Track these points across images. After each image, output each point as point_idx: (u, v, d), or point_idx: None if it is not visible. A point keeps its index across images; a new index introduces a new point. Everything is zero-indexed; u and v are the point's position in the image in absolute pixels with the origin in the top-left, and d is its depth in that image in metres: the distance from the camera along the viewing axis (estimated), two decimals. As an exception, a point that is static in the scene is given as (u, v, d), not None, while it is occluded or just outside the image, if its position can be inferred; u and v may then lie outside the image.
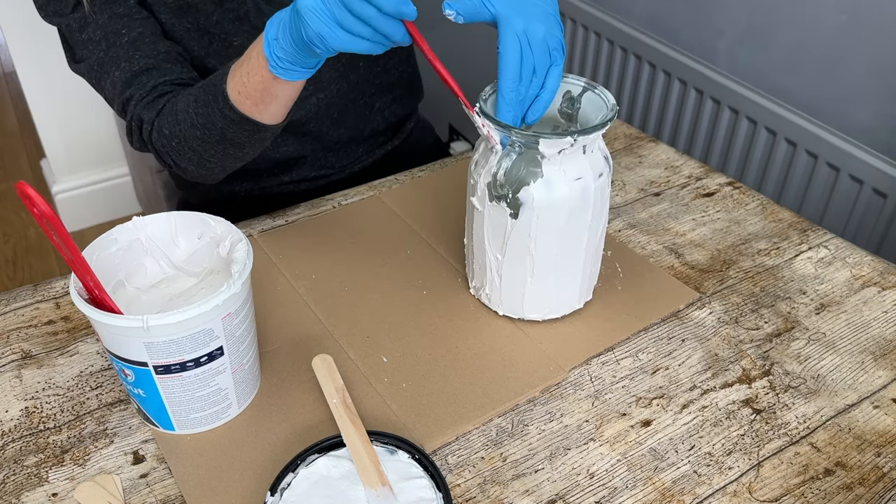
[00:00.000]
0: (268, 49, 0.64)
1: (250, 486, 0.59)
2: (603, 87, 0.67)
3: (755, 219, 0.88)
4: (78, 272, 0.56)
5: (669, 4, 1.35)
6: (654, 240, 0.84)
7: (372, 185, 0.93)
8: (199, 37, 0.85)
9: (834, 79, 1.12)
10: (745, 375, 0.69)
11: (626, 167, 0.97)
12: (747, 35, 1.23)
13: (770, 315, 0.75)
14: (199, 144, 0.75)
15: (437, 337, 0.72)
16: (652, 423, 0.64)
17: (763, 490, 0.59)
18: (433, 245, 0.83)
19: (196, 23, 0.84)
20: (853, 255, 0.82)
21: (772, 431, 0.64)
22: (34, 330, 0.73)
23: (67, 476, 0.60)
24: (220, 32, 0.85)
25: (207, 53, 0.86)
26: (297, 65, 0.65)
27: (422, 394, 0.66)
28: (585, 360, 0.70)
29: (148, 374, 0.58)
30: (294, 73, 0.66)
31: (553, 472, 0.60)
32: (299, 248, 0.83)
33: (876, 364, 0.70)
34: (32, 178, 2.27)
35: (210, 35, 0.85)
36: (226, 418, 0.64)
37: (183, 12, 0.84)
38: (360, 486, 0.55)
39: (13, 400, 0.66)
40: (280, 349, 0.70)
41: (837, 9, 1.08)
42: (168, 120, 0.77)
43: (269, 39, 0.64)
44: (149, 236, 0.65)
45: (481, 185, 0.67)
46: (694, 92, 1.33)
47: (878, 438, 0.63)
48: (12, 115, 2.62)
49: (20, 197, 0.51)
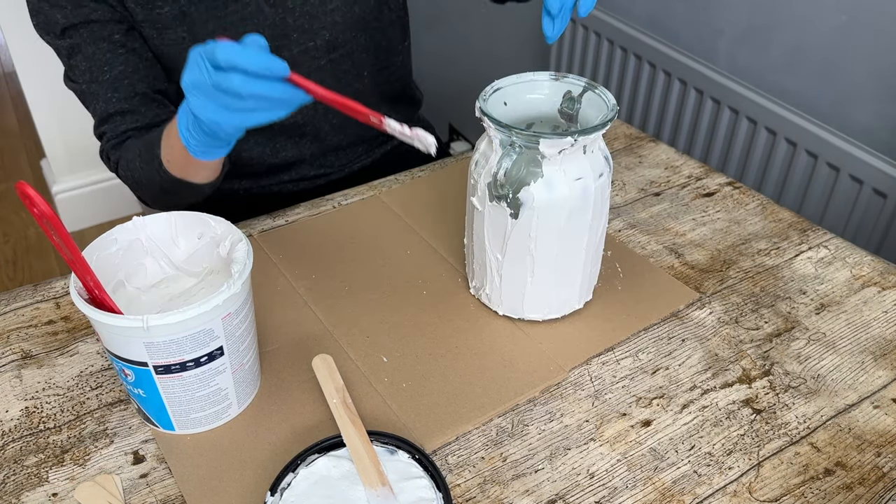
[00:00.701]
0: (184, 139, 0.66)
1: (250, 486, 0.59)
2: (603, 87, 0.67)
3: (755, 219, 0.88)
4: (78, 272, 0.56)
5: (669, 4, 1.36)
6: (654, 240, 0.84)
7: (372, 185, 0.93)
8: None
9: (834, 79, 1.12)
10: (745, 375, 0.69)
11: (626, 167, 0.97)
12: (747, 35, 1.23)
13: (770, 315, 0.75)
14: (148, 191, 0.82)
15: (437, 337, 0.72)
16: (652, 423, 0.64)
17: (763, 490, 0.59)
18: (433, 245, 0.83)
19: (191, 32, 0.84)
20: (853, 255, 0.82)
21: (772, 431, 0.64)
22: (34, 330, 0.73)
23: (67, 476, 0.60)
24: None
25: None
26: (212, 147, 0.66)
27: (422, 394, 0.66)
28: (585, 360, 0.70)
29: (148, 374, 0.58)
30: (211, 154, 0.68)
31: (553, 472, 0.60)
32: (299, 248, 0.83)
33: (876, 364, 0.70)
34: (32, 178, 2.27)
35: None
36: (226, 418, 0.64)
37: (177, 23, 0.84)
38: (360, 486, 0.55)
39: (13, 400, 0.66)
40: (280, 349, 0.70)
41: (837, 9, 1.08)
42: (123, 164, 0.84)
43: (182, 130, 0.66)
44: (149, 236, 0.65)
45: (481, 185, 0.67)
46: (694, 92, 1.33)
47: (878, 438, 0.63)
48: (12, 115, 2.62)
49: (20, 197, 0.51)
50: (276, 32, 0.87)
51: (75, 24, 0.81)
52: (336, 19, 0.90)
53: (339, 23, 0.90)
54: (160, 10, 0.83)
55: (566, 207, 0.65)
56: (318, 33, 0.90)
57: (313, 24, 0.89)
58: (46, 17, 0.81)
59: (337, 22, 0.90)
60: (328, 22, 0.90)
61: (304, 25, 0.88)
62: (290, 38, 0.88)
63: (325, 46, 0.91)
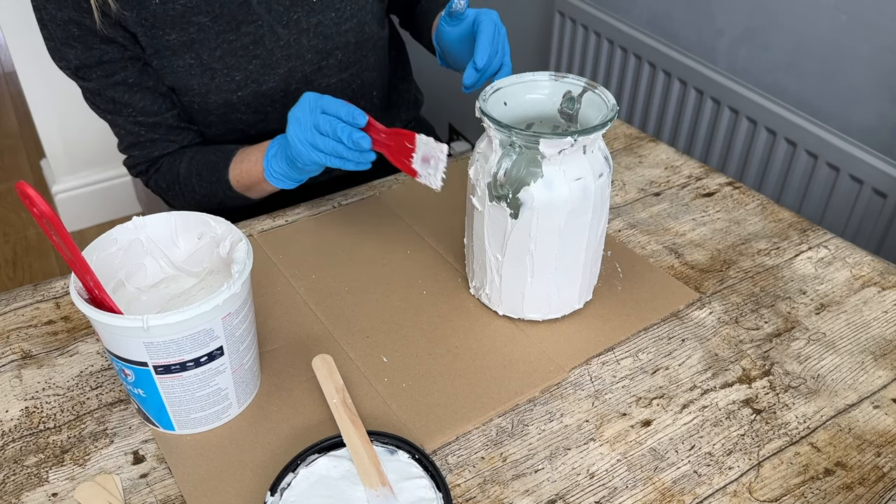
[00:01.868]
0: (266, 163, 0.80)
1: (250, 486, 0.59)
2: (603, 88, 0.67)
3: (755, 219, 0.88)
4: (78, 272, 0.56)
5: (669, 4, 1.36)
6: (654, 240, 0.84)
7: (372, 185, 0.93)
8: (201, 73, 0.85)
9: (834, 79, 1.12)
10: (745, 375, 0.69)
11: (626, 167, 0.97)
12: (747, 35, 1.23)
13: (770, 315, 0.75)
14: (196, 201, 0.90)
15: (437, 337, 0.72)
16: (652, 423, 0.64)
17: (763, 490, 0.59)
18: (433, 245, 0.83)
19: (199, 59, 0.84)
20: (853, 255, 0.82)
21: (772, 431, 0.64)
22: (34, 330, 0.73)
23: (67, 476, 0.60)
24: (223, 67, 0.86)
25: (209, 90, 0.86)
26: (288, 178, 0.80)
27: (422, 394, 0.66)
28: (585, 360, 0.70)
29: (148, 374, 0.58)
30: (284, 183, 0.80)
31: (553, 472, 0.60)
32: (299, 248, 0.83)
33: (876, 364, 0.70)
34: (32, 178, 2.27)
35: (212, 70, 0.85)
36: (226, 418, 0.64)
37: (185, 49, 0.84)
38: (360, 486, 0.55)
39: (13, 400, 0.66)
40: (280, 349, 0.70)
41: (837, 9, 1.08)
42: (166, 178, 0.90)
43: (269, 156, 0.79)
44: (149, 236, 0.65)
45: (481, 185, 0.67)
46: (694, 92, 1.33)
47: (878, 438, 0.63)
48: (12, 115, 2.62)
49: (20, 197, 0.51)
50: (289, 53, 0.88)
51: (88, 64, 0.81)
52: (350, 39, 0.92)
53: (353, 43, 0.92)
54: (168, 37, 0.83)
55: (566, 207, 0.65)
56: (332, 53, 0.91)
57: (327, 45, 0.90)
58: (60, 53, 0.82)
59: (350, 42, 0.92)
60: (341, 42, 0.91)
61: (318, 46, 0.90)
62: (303, 58, 0.90)
63: (337, 66, 0.93)
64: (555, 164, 0.64)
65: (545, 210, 0.64)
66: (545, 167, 0.64)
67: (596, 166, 0.66)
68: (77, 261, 0.55)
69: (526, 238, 0.66)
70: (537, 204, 0.64)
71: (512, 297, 0.71)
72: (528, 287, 0.70)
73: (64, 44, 0.80)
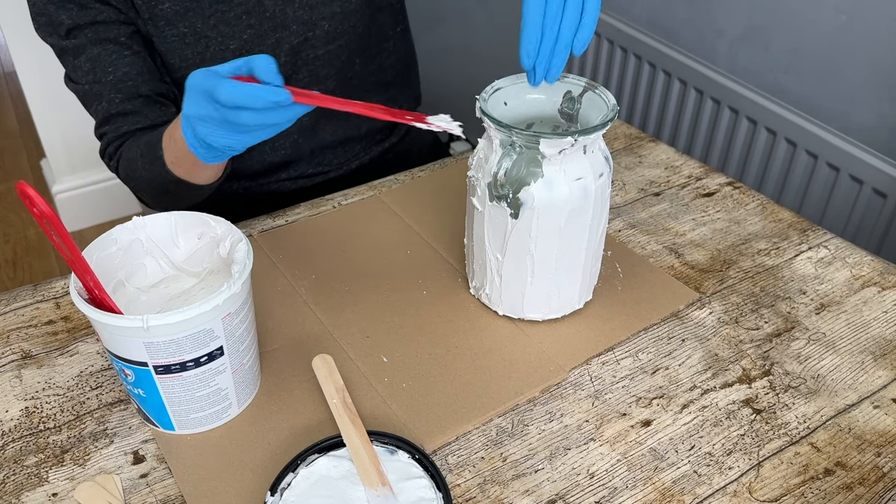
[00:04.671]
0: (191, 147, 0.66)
1: (250, 486, 0.59)
2: (603, 87, 0.67)
3: (755, 219, 0.88)
4: (78, 272, 0.56)
5: (669, 4, 1.36)
6: (654, 240, 0.84)
7: (372, 185, 0.93)
8: (195, 42, 0.85)
9: (834, 79, 1.12)
10: (745, 375, 0.69)
11: (626, 167, 0.97)
12: (747, 35, 1.23)
13: (770, 315, 0.75)
14: (150, 191, 0.82)
15: (437, 337, 0.72)
16: (652, 423, 0.64)
17: (763, 490, 0.59)
18: (433, 245, 0.83)
19: (192, 27, 0.85)
20: (853, 255, 0.82)
21: (772, 431, 0.64)
22: (34, 330, 0.73)
23: (67, 476, 0.60)
24: (217, 35, 0.86)
25: (203, 59, 0.86)
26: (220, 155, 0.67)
27: (422, 394, 0.66)
28: (585, 360, 0.70)
29: (148, 374, 0.58)
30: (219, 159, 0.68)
31: (553, 472, 0.60)
32: (299, 248, 0.83)
33: (876, 364, 0.70)
34: (32, 178, 2.27)
35: (207, 39, 0.85)
36: (226, 418, 0.64)
37: (179, 18, 0.84)
38: (360, 486, 0.55)
39: (13, 400, 0.66)
40: (280, 349, 0.70)
41: (837, 9, 1.08)
42: (123, 164, 0.84)
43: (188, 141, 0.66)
44: (149, 236, 0.65)
45: (481, 185, 0.67)
46: (694, 92, 1.33)
47: (878, 438, 0.63)
48: (12, 115, 2.62)
49: (20, 197, 0.51)
50: (275, 24, 0.88)
51: (80, 24, 0.81)
52: (335, 9, 0.91)
53: (339, 13, 0.91)
54: (162, 5, 0.83)
55: (566, 207, 0.65)
56: (318, 24, 0.90)
57: (313, 15, 0.90)
58: (51, 19, 0.81)
59: (336, 12, 0.91)
60: (328, 13, 0.90)
61: (303, 17, 0.89)
62: (289, 28, 0.89)
63: (323, 37, 0.92)
64: (555, 164, 0.64)
65: (545, 210, 0.64)
66: (545, 167, 0.64)
67: (596, 166, 0.66)
68: (77, 261, 0.55)
69: (526, 238, 0.66)
70: (537, 204, 0.64)
71: (512, 297, 0.71)
72: (529, 287, 0.70)
73: (59, 7, 0.80)
